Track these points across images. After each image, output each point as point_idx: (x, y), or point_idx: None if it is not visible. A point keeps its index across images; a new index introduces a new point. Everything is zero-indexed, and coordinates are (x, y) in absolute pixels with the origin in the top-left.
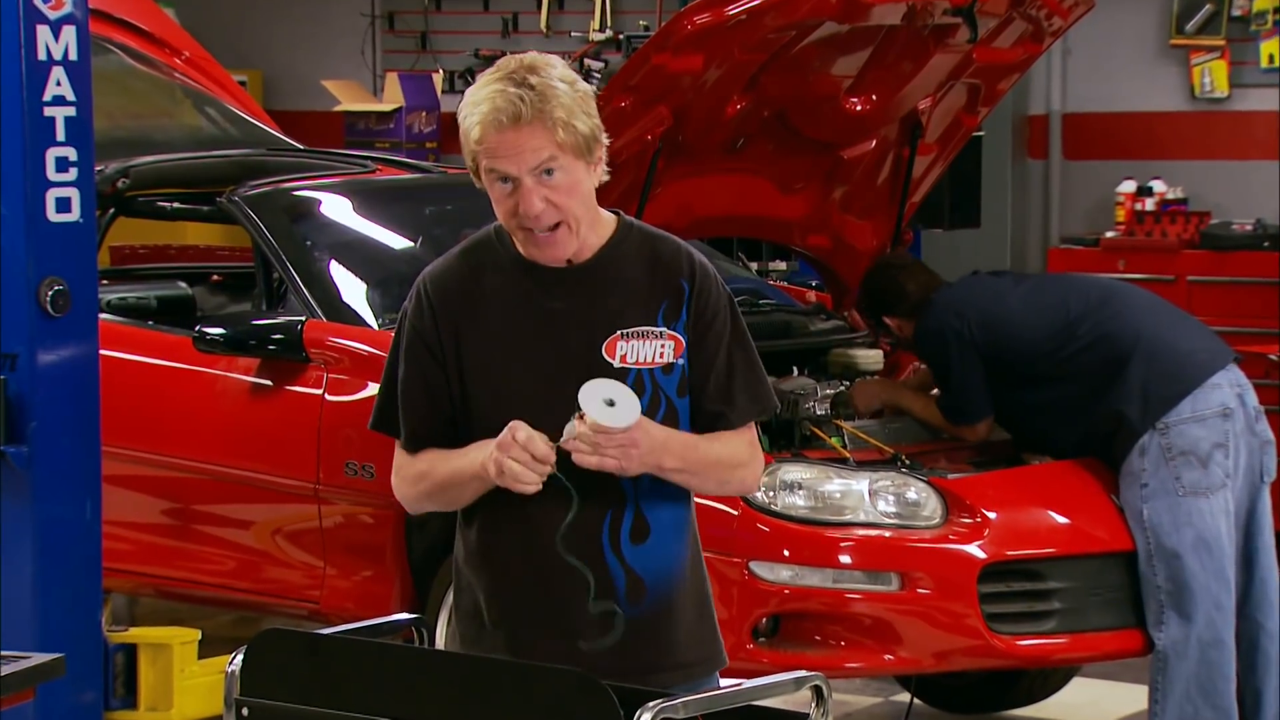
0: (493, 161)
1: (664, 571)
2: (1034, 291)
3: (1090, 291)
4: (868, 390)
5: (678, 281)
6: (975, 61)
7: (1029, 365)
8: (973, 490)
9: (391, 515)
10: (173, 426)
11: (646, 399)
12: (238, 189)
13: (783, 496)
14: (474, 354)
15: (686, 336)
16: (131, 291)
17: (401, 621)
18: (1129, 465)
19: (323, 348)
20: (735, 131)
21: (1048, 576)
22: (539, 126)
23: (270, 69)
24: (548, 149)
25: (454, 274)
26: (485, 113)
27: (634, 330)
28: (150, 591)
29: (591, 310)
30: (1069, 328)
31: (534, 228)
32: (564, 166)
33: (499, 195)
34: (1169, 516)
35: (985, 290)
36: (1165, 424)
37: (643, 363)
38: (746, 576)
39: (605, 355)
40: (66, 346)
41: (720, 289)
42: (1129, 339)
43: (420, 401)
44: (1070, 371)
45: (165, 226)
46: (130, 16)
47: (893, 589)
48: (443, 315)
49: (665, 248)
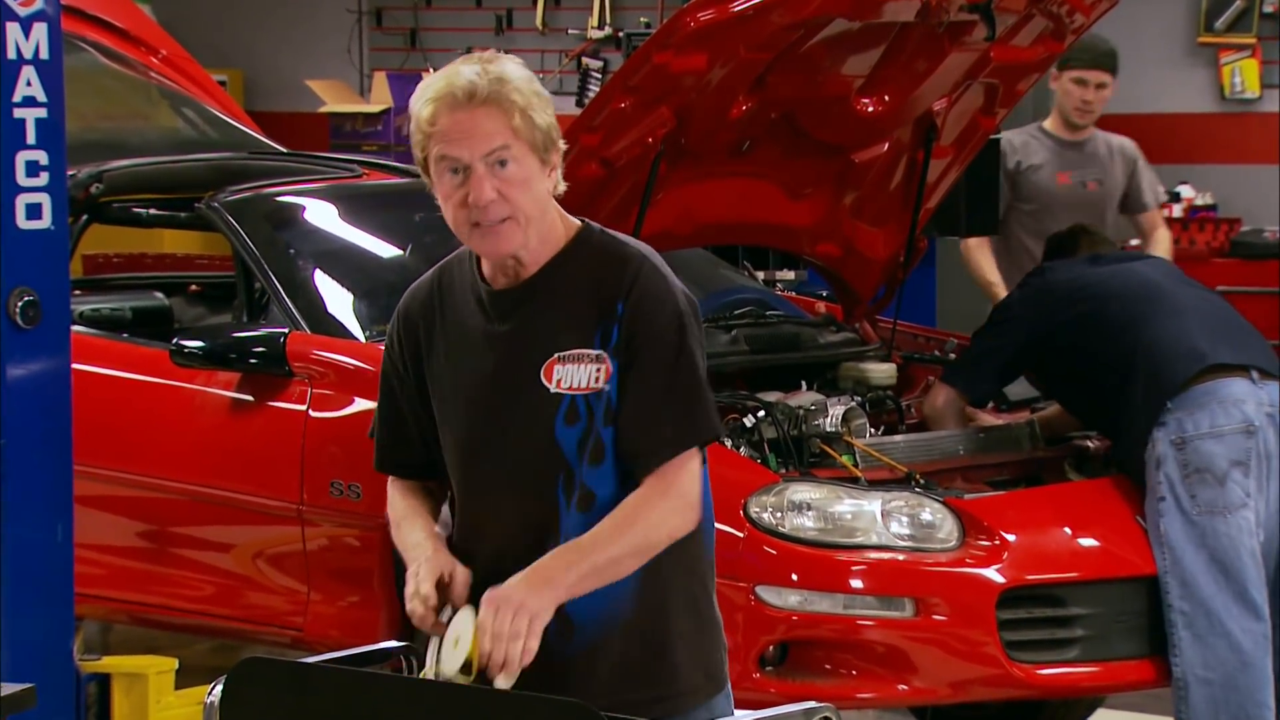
0: (445, 146)
1: (602, 615)
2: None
3: (1139, 293)
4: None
5: (613, 303)
6: (993, 60)
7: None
8: (991, 511)
9: (378, 537)
10: (149, 444)
11: (581, 425)
12: (217, 194)
13: (791, 518)
14: (434, 377)
15: (616, 361)
16: (105, 302)
17: (390, 649)
18: (1148, 478)
19: (307, 361)
20: (741, 134)
21: (1070, 602)
22: (495, 109)
23: (252, 68)
24: (503, 135)
25: (421, 297)
26: (440, 89)
27: (570, 353)
28: (124, 618)
29: (531, 332)
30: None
31: (482, 219)
32: (518, 158)
33: (448, 189)
34: (1184, 535)
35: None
36: (1182, 437)
37: (576, 388)
38: (753, 602)
39: (543, 379)
40: (37, 360)
41: (666, 308)
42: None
43: (393, 423)
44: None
45: (141, 234)
46: (104, 13)
47: (907, 615)
48: (408, 336)
49: (612, 264)
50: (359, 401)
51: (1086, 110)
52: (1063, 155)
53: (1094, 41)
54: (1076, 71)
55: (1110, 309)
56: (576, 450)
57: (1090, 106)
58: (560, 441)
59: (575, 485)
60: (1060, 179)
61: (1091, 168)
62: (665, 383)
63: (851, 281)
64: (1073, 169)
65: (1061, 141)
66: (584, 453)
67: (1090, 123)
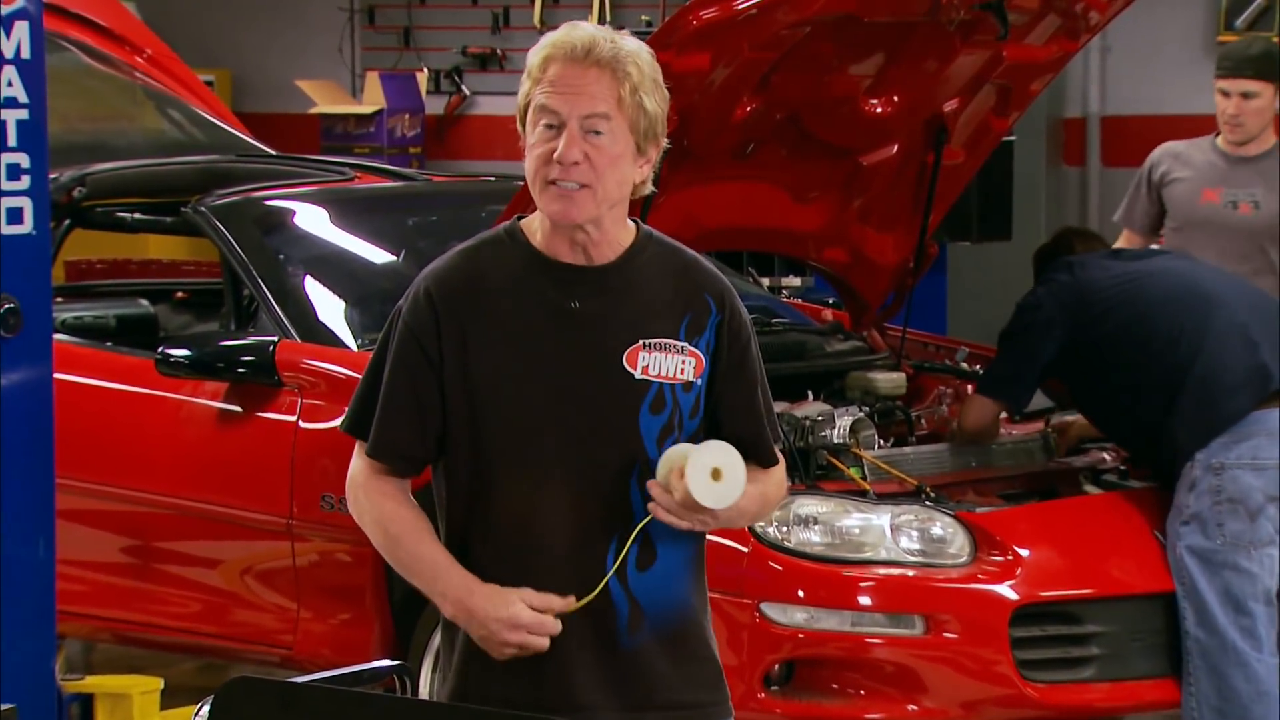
0: (548, 96)
1: (668, 602)
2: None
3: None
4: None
5: (703, 297)
6: (1005, 60)
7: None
8: (1004, 525)
9: (371, 553)
10: (133, 457)
11: (665, 415)
12: (204, 198)
13: (797, 532)
14: (481, 360)
15: (709, 358)
16: (88, 310)
17: (382, 669)
18: (1177, 498)
19: (297, 371)
20: (745, 136)
21: (1086, 619)
22: (608, 74)
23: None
24: (606, 102)
25: (460, 273)
26: (559, 39)
27: (656, 341)
28: (108, 636)
29: (613, 314)
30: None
31: (560, 178)
32: (614, 132)
33: (537, 139)
34: (1202, 563)
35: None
36: (1221, 463)
37: (665, 376)
38: (757, 619)
39: (626, 364)
40: (17, 370)
41: (745, 312)
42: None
43: (404, 411)
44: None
45: (125, 239)
46: (87, 11)
47: (917, 633)
48: (447, 318)
49: (690, 259)
50: None
51: (1235, 124)
52: (1219, 170)
53: (1238, 45)
54: (1219, 81)
55: (1158, 319)
56: (657, 439)
57: (1239, 120)
58: (643, 430)
59: (651, 474)
60: (1205, 196)
61: (1251, 187)
62: (763, 389)
63: (859, 288)
64: (1225, 186)
65: (1225, 155)
66: (663, 443)
67: (1246, 137)
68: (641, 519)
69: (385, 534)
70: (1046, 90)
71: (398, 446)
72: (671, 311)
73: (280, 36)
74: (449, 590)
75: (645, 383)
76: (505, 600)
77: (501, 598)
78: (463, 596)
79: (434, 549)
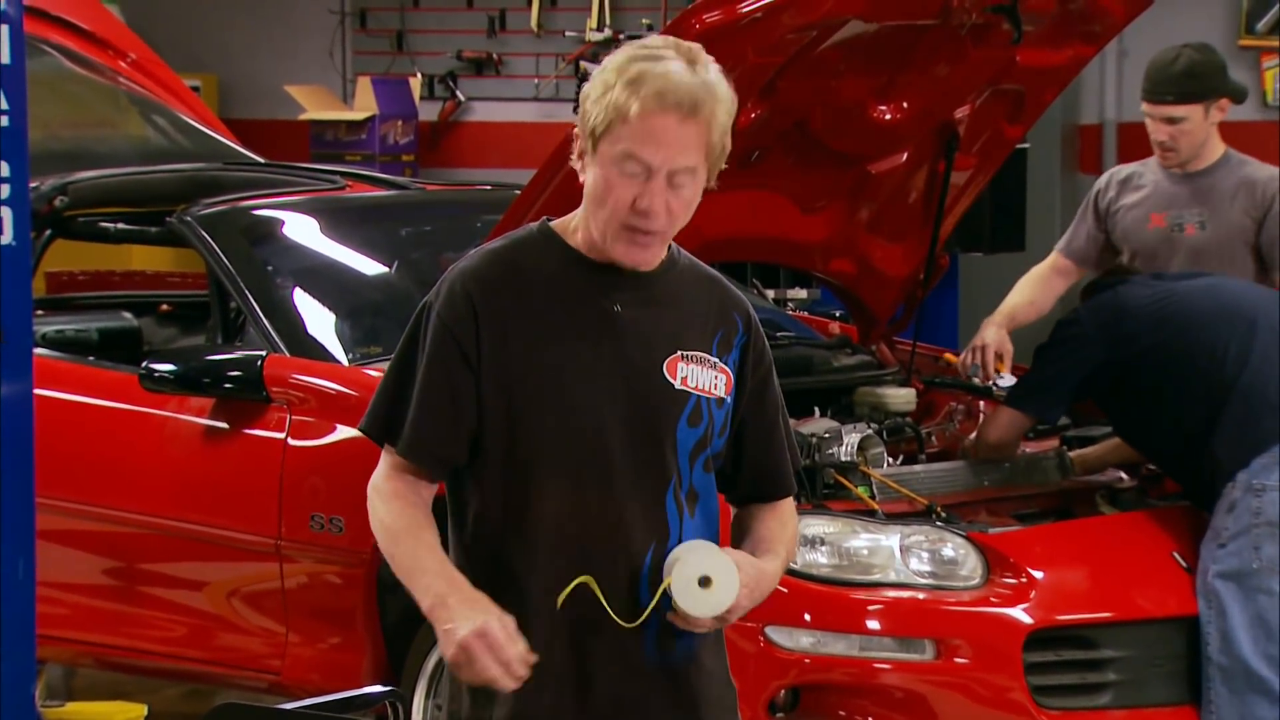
0: (639, 146)
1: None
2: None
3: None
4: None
5: (732, 315)
6: (1019, 64)
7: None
8: (1017, 546)
9: (362, 575)
10: (116, 475)
11: (702, 429)
12: (190, 208)
13: (803, 554)
14: (521, 357)
15: (736, 376)
16: (70, 323)
17: (374, 695)
18: (1214, 519)
19: (286, 386)
20: (749, 143)
21: (1102, 644)
22: (702, 126)
23: (227, 72)
24: (696, 155)
25: (498, 269)
26: (659, 88)
27: (693, 354)
28: (90, 661)
29: (653, 322)
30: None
31: (643, 226)
32: (696, 180)
33: (620, 178)
34: (1235, 587)
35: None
36: (1262, 484)
37: (702, 389)
38: (762, 644)
39: (666, 374)
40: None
41: (765, 337)
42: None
43: (440, 409)
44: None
45: (108, 250)
46: (69, 14)
47: (927, 658)
48: (486, 314)
49: (713, 274)
50: (341, 429)
51: (1169, 149)
52: (1165, 192)
53: (1159, 63)
54: (1142, 105)
55: (1201, 335)
56: (691, 452)
57: (1170, 146)
58: (679, 441)
59: (684, 488)
60: (1153, 221)
61: (1198, 206)
62: (784, 416)
63: (868, 301)
64: (1171, 209)
65: (1170, 174)
66: (696, 457)
67: (1181, 161)
68: (675, 534)
69: (387, 531)
70: (1061, 96)
71: (432, 446)
72: (706, 326)
73: (269, 40)
74: (432, 584)
75: (685, 393)
76: (484, 609)
77: (481, 605)
78: (444, 593)
79: (431, 551)
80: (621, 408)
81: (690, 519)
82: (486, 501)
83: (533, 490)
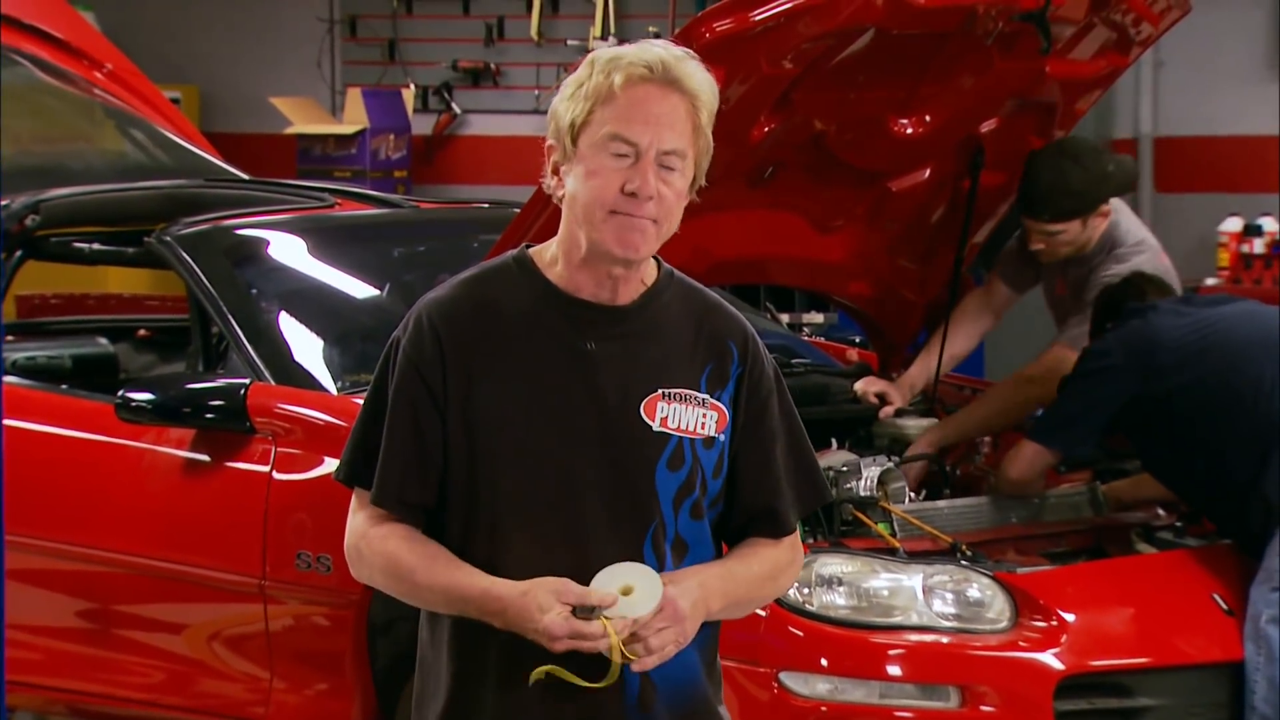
0: (625, 125)
1: (680, 680)
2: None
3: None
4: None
5: (725, 344)
6: (1049, 76)
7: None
8: (1047, 587)
9: (351, 616)
10: (90, 511)
11: (684, 473)
12: (169, 227)
13: (820, 594)
14: (488, 397)
15: (731, 411)
16: (42, 349)
17: None
18: (1265, 561)
19: (271, 416)
20: (763, 159)
21: (1138, 691)
22: (689, 103)
23: (209, 84)
24: (685, 137)
25: (466, 303)
26: (632, 60)
27: (677, 391)
28: (62, 709)
29: (631, 359)
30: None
31: (634, 212)
32: (684, 171)
33: (607, 165)
34: None
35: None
36: None
37: (685, 430)
38: (776, 690)
39: (644, 414)
40: None
41: (769, 359)
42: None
43: (408, 453)
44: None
45: (82, 272)
46: (42, 22)
47: (951, 706)
48: (452, 351)
49: (713, 301)
50: (329, 462)
51: (1048, 255)
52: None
53: (1034, 177)
54: (1021, 215)
55: (1243, 369)
56: (674, 499)
57: (1049, 253)
58: (659, 488)
59: (666, 537)
60: (1059, 287)
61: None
62: (789, 444)
63: (888, 326)
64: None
65: None
66: (681, 503)
67: (1062, 258)
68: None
69: (397, 576)
70: (1094, 109)
71: (404, 494)
72: (694, 360)
73: (252, 49)
74: (486, 606)
75: (664, 436)
76: (543, 605)
77: (536, 604)
78: (501, 612)
79: (451, 571)
80: (594, 452)
81: (673, 570)
82: (456, 549)
83: (499, 543)
